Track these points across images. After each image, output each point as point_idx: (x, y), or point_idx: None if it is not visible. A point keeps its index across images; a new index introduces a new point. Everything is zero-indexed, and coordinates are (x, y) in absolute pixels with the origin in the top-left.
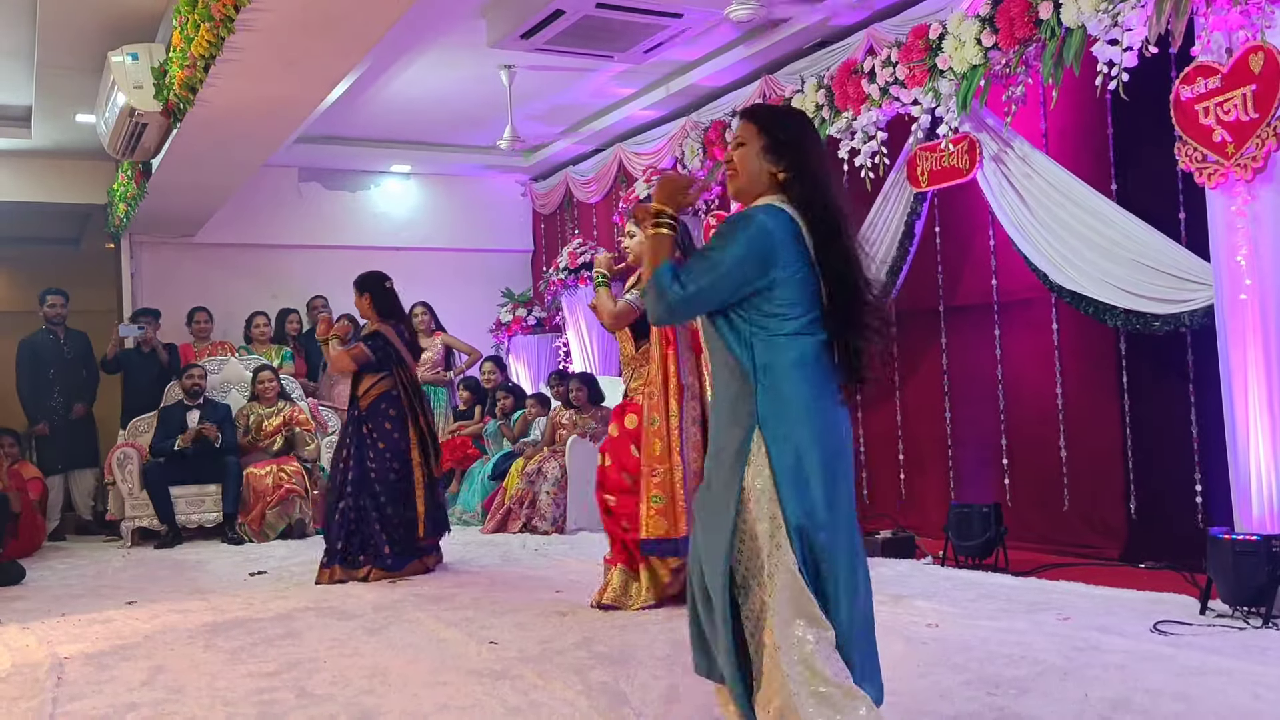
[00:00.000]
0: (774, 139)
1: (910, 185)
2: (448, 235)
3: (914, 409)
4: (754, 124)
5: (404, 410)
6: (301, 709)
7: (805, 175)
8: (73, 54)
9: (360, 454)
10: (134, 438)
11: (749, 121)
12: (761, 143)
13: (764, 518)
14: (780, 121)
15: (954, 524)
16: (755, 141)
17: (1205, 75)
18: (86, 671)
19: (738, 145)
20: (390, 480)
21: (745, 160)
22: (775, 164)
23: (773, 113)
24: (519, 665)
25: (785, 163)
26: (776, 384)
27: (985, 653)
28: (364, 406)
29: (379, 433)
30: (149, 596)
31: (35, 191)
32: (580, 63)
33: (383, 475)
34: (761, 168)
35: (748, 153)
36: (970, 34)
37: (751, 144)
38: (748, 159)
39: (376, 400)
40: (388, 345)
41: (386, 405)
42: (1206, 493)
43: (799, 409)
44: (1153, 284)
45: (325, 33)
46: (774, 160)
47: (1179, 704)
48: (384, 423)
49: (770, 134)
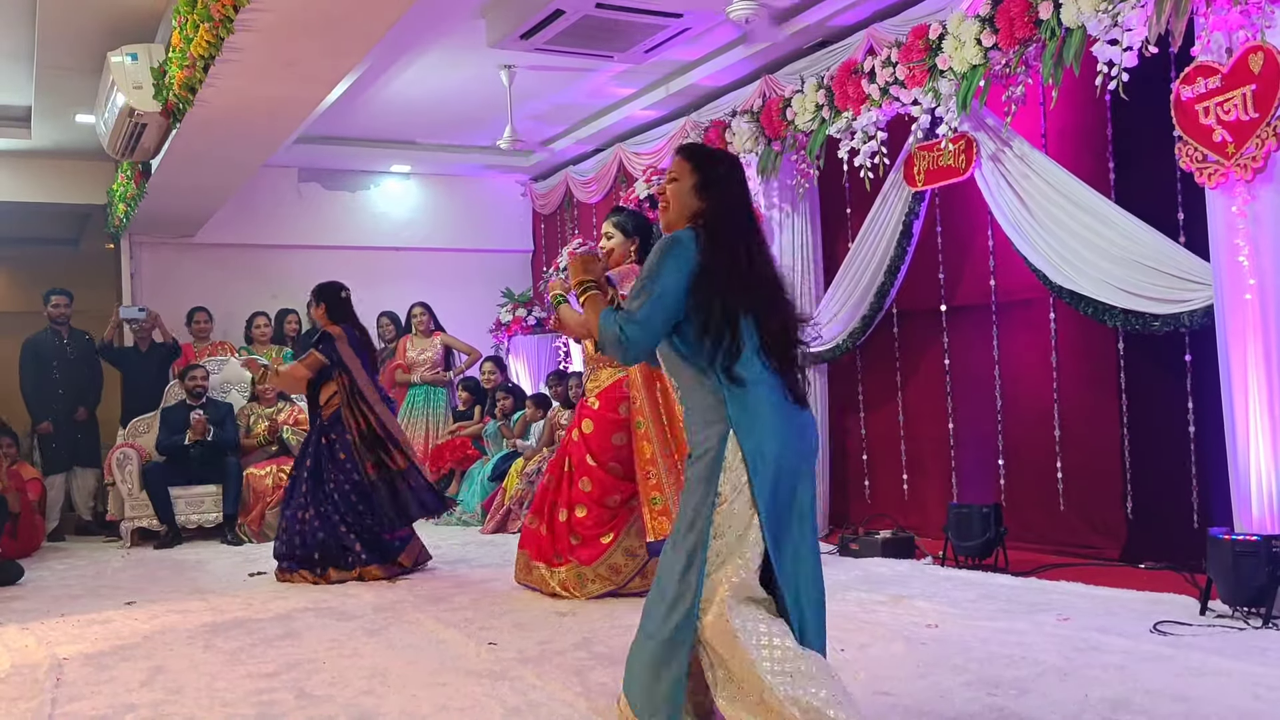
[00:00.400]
0: (704, 176)
1: (907, 185)
2: (448, 235)
3: (915, 409)
4: (688, 161)
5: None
6: (301, 710)
7: (722, 213)
8: (72, 54)
9: (317, 466)
10: (134, 438)
11: (684, 159)
12: (693, 180)
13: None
14: (713, 160)
15: (954, 524)
16: (688, 178)
17: (1205, 75)
18: (85, 672)
19: (671, 180)
20: (347, 489)
21: (677, 195)
22: (700, 200)
23: (708, 153)
24: (518, 666)
25: (706, 203)
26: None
27: (985, 653)
28: (326, 417)
29: (340, 444)
30: (148, 597)
31: (35, 192)
32: (580, 63)
33: (340, 486)
34: (689, 204)
35: (680, 188)
36: (970, 34)
37: (684, 180)
38: (680, 194)
39: (338, 410)
40: (332, 348)
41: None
42: (1205, 493)
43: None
44: (1152, 284)
45: (325, 33)
46: (700, 197)
47: (1179, 704)
48: (345, 434)
49: (701, 172)
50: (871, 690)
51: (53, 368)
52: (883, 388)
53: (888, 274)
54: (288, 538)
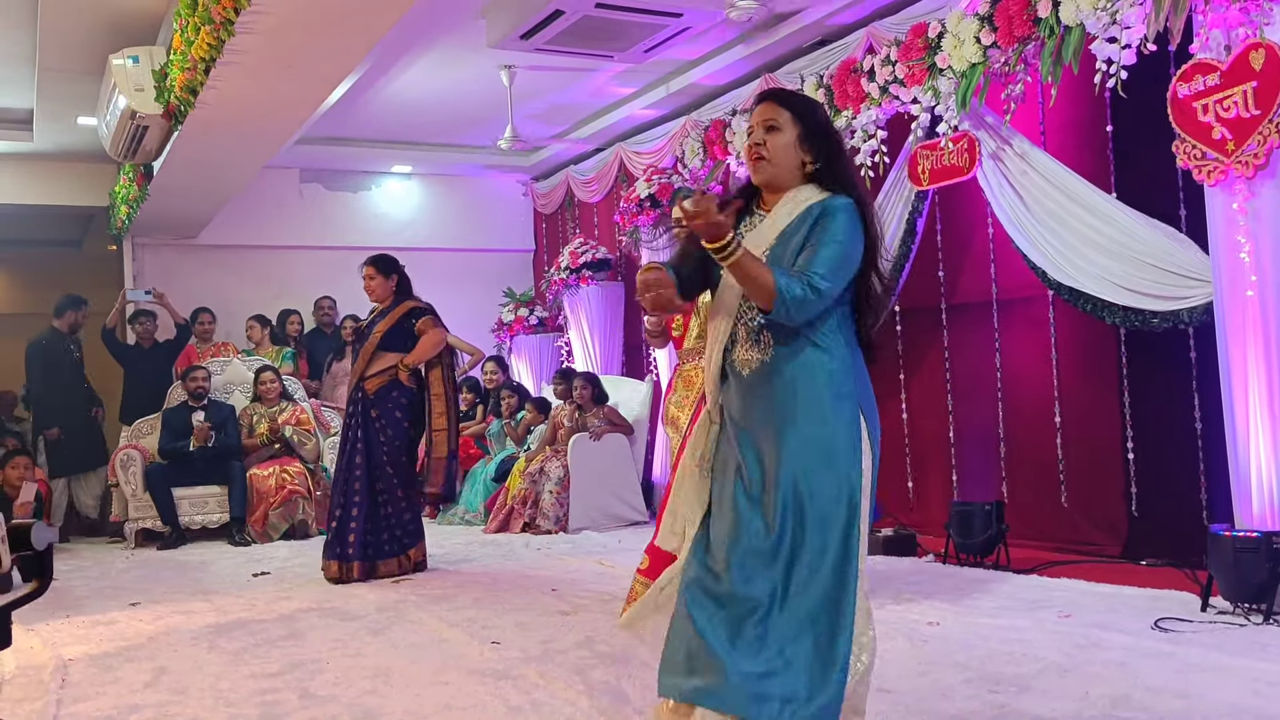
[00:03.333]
0: (809, 128)
1: (911, 184)
2: (449, 235)
3: (917, 407)
4: (789, 110)
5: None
6: (304, 709)
7: (838, 168)
8: (74, 57)
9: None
10: (137, 439)
11: (783, 107)
12: (797, 130)
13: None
14: (814, 110)
15: (955, 522)
16: (791, 129)
17: (1204, 73)
18: (90, 673)
19: (770, 129)
20: (401, 466)
21: (780, 148)
22: (808, 153)
23: (805, 100)
24: (521, 665)
25: (815, 153)
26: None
27: (986, 650)
28: (371, 390)
29: (387, 419)
30: (152, 598)
31: (37, 194)
32: (580, 62)
33: (393, 463)
34: (794, 157)
35: (782, 139)
36: (969, 32)
37: (787, 130)
38: (782, 147)
39: (387, 387)
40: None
41: (399, 394)
42: (1208, 489)
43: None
44: (1152, 281)
45: (325, 34)
46: (807, 149)
47: (1180, 701)
48: (394, 410)
49: (805, 122)
50: (873, 687)
51: (62, 371)
52: (885, 385)
53: (891, 272)
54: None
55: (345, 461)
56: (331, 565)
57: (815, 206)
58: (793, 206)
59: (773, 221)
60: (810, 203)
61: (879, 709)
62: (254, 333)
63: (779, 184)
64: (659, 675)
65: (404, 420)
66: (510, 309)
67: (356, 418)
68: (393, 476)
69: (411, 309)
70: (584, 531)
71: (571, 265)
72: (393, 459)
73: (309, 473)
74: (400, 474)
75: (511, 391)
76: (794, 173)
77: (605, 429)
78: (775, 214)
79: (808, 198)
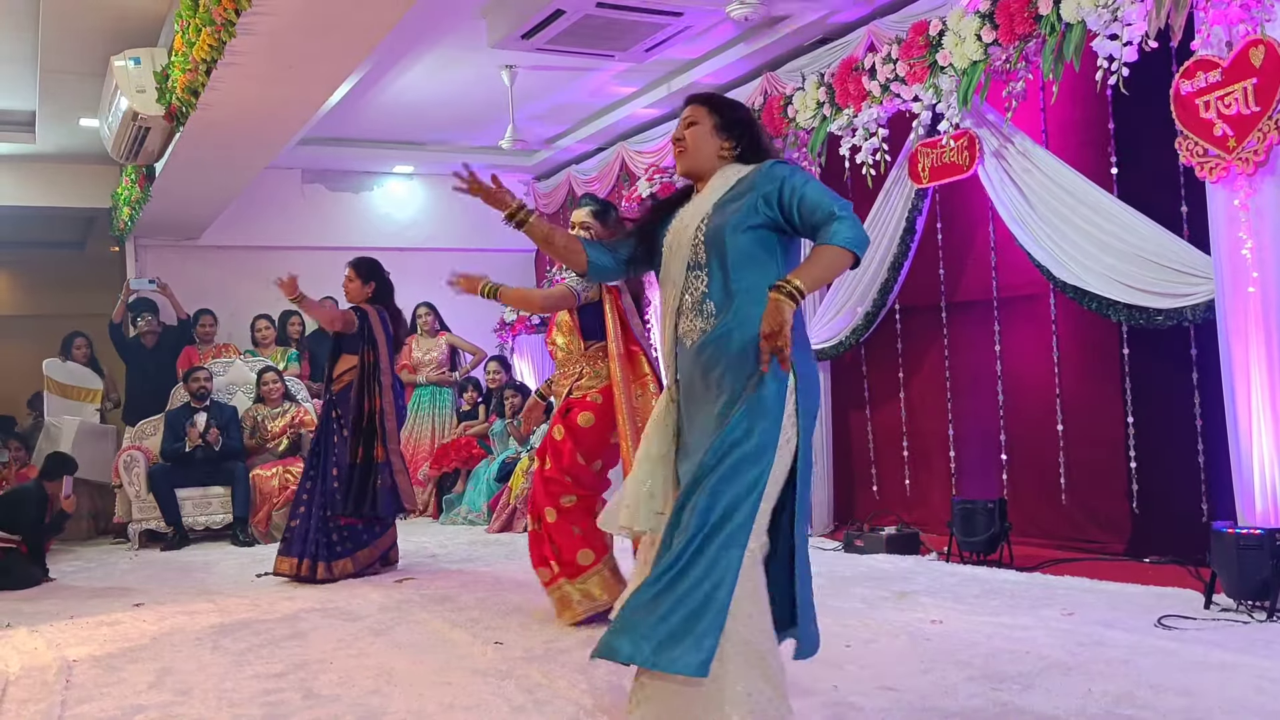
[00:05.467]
0: (724, 119)
1: (912, 181)
2: (451, 235)
3: (918, 405)
4: (705, 106)
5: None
6: (308, 709)
7: (761, 146)
8: (76, 59)
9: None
10: (140, 440)
11: (701, 105)
12: (713, 121)
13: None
14: (733, 107)
15: (958, 520)
16: (707, 120)
17: (1205, 69)
18: (94, 674)
19: (689, 124)
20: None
21: (697, 137)
22: (724, 140)
23: (725, 100)
24: (524, 664)
25: (734, 141)
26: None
27: (989, 648)
28: (335, 391)
29: (345, 421)
30: (156, 599)
31: (40, 196)
32: (581, 62)
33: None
34: (713, 144)
35: (699, 131)
36: (970, 30)
37: (704, 122)
38: (699, 136)
39: (346, 388)
40: (366, 321)
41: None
42: (1211, 486)
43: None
44: (1154, 278)
45: (325, 35)
46: (724, 137)
47: (1182, 698)
48: (349, 411)
49: (721, 114)
50: (876, 685)
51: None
52: (886, 384)
53: (891, 270)
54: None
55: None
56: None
57: (749, 175)
58: (723, 182)
59: (707, 194)
60: (740, 175)
61: (882, 707)
62: (264, 333)
63: (699, 171)
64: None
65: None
66: (512, 309)
67: (322, 417)
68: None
69: (362, 309)
70: None
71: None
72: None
73: None
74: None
75: (515, 391)
76: (712, 159)
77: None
78: (708, 189)
79: (736, 173)
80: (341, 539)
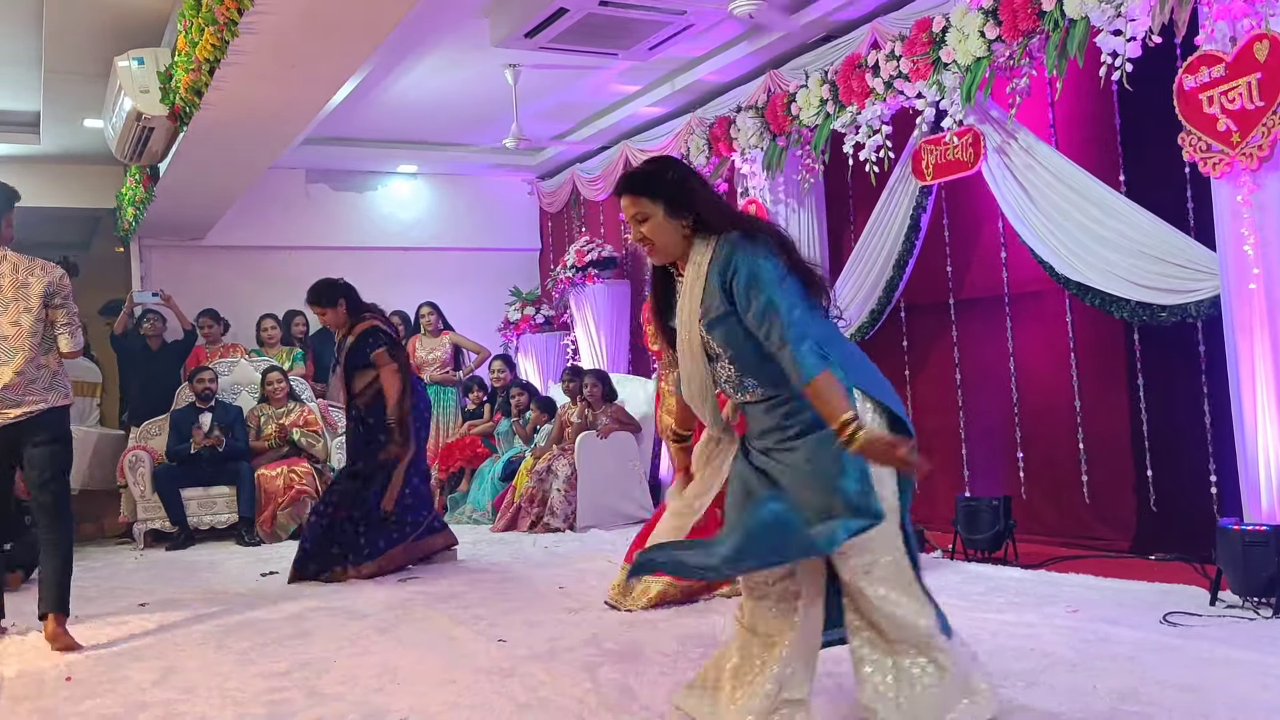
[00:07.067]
0: (669, 200)
1: (916, 179)
2: (455, 235)
3: (924, 402)
4: (645, 195)
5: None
6: (311, 708)
7: (707, 215)
8: (79, 59)
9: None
10: (145, 440)
11: (637, 195)
12: (661, 208)
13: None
14: (663, 177)
15: (963, 517)
16: (656, 209)
17: (1209, 64)
18: (98, 671)
19: (640, 221)
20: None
21: (658, 231)
22: (682, 220)
23: (652, 174)
24: (528, 663)
25: (685, 216)
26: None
27: (994, 645)
28: (362, 406)
29: (382, 430)
30: (161, 598)
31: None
32: (584, 61)
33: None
34: (674, 230)
35: (655, 223)
36: (973, 26)
37: (655, 214)
38: (659, 229)
39: (377, 403)
40: (393, 333)
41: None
42: (1217, 483)
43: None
44: (1159, 274)
45: (328, 35)
46: (679, 217)
47: (1188, 695)
48: (387, 418)
49: (664, 197)
50: None
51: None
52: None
53: (895, 268)
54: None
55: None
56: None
57: (713, 260)
58: (695, 276)
59: (688, 288)
60: (705, 266)
61: None
62: (269, 333)
63: (674, 256)
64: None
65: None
66: (517, 308)
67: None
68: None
69: (366, 331)
70: (591, 530)
71: (578, 264)
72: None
73: (317, 473)
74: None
75: (521, 389)
76: (680, 242)
77: (613, 427)
78: (688, 290)
79: (700, 260)
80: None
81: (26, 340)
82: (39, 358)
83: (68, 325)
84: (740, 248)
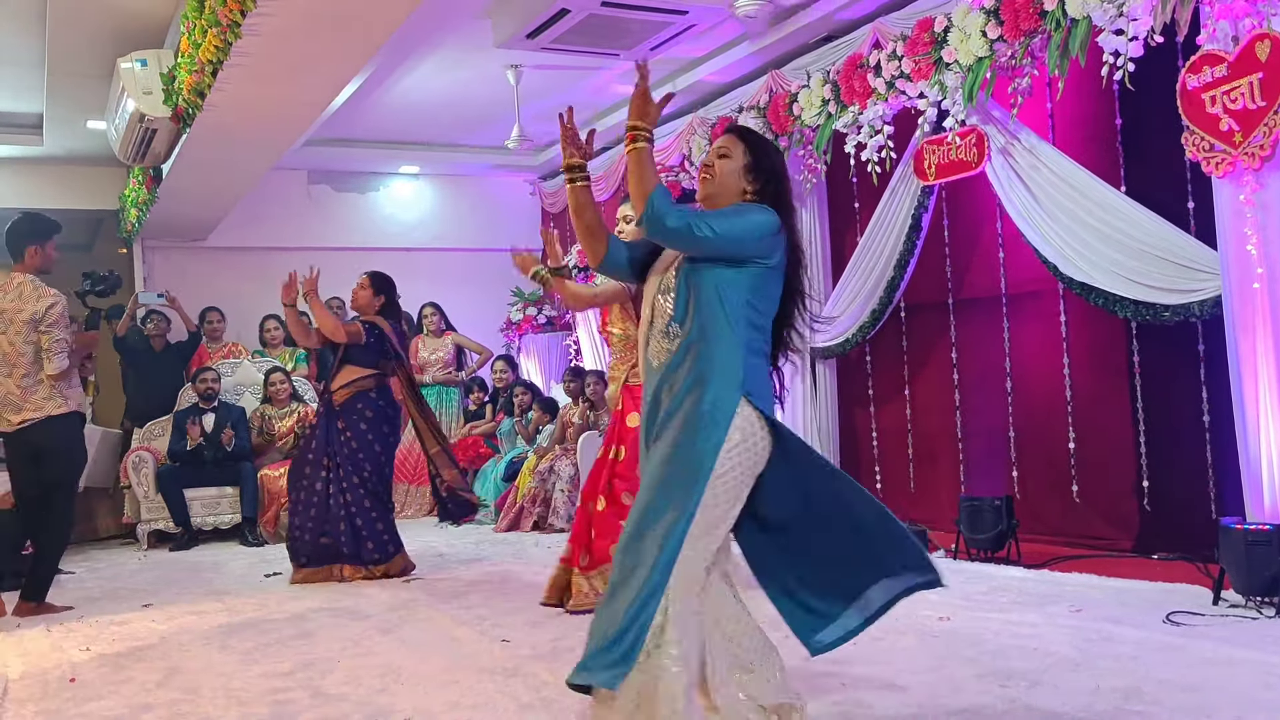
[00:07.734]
0: (757, 161)
1: (918, 179)
2: (457, 235)
3: (924, 402)
4: (742, 142)
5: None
6: (315, 708)
7: (779, 198)
8: (82, 61)
9: (331, 449)
10: (149, 441)
11: (738, 139)
12: (746, 160)
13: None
14: (768, 151)
15: (965, 517)
16: (740, 158)
17: (1211, 64)
18: (102, 672)
19: (721, 155)
20: (366, 478)
21: (724, 172)
22: (750, 183)
23: (763, 141)
24: (531, 663)
25: (759, 186)
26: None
27: (997, 645)
28: (339, 401)
29: (352, 431)
30: (165, 599)
31: (48, 198)
32: (586, 61)
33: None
34: (738, 182)
35: (729, 165)
36: (975, 26)
37: (736, 159)
38: (727, 171)
39: (354, 398)
40: (383, 338)
41: (364, 406)
42: (1219, 482)
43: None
44: (1161, 274)
45: (331, 36)
46: (750, 180)
47: (1190, 694)
48: (359, 423)
49: (755, 155)
50: (884, 683)
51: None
52: (891, 381)
53: (897, 268)
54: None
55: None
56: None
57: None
58: None
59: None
60: None
61: (889, 704)
62: (273, 334)
63: (717, 203)
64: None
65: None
66: (519, 308)
67: (320, 424)
68: (359, 487)
69: (372, 324)
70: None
71: (579, 264)
72: (359, 470)
73: None
74: (367, 485)
75: (524, 389)
76: (732, 195)
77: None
78: None
79: None
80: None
81: (17, 359)
82: (36, 373)
83: (50, 350)
84: (773, 214)
